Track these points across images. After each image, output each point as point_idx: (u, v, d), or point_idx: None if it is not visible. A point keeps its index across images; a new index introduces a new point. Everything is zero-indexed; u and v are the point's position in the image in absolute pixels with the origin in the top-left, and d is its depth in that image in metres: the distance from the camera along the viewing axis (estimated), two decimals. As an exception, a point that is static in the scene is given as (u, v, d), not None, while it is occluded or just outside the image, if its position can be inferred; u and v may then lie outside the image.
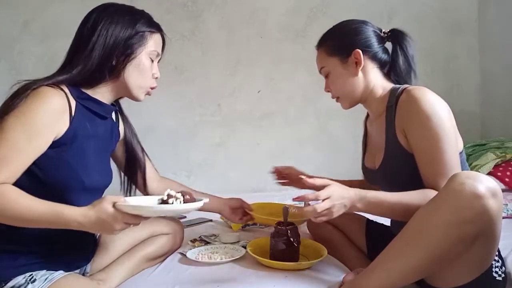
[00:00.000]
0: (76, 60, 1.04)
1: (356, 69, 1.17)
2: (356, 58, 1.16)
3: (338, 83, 1.20)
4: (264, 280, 1.18)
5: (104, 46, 1.04)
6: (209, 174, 2.56)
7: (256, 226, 1.72)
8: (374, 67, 1.18)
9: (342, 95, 1.22)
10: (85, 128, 1.05)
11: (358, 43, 1.16)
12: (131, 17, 1.08)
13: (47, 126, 0.96)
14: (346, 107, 1.27)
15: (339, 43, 1.19)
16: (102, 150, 1.15)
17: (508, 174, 1.98)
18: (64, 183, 1.01)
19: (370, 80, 1.18)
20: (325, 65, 1.22)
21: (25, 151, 0.94)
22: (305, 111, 2.57)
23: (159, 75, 1.16)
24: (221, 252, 1.38)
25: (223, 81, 2.54)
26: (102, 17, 1.06)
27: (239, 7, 2.52)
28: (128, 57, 1.07)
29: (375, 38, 1.18)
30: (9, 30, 2.43)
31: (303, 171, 1.46)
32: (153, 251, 1.28)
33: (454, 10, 2.58)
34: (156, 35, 1.13)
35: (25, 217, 0.91)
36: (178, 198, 1.02)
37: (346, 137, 2.52)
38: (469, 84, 2.61)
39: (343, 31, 1.21)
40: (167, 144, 2.50)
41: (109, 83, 1.09)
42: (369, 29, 1.19)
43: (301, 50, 2.53)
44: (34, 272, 0.98)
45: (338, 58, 1.18)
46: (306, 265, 1.26)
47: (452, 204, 0.88)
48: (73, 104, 1.02)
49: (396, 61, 1.18)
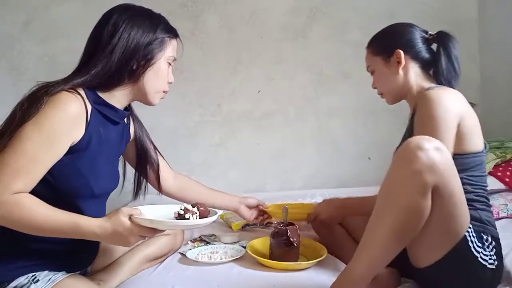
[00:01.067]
0: (94, 61, 1.03)
1: (397, 68, 1.25)
2: (398, 57, 1.24)
3: (381, 80, 1.31)
4: (263, 280, 1.18)
5: (125, 49, 1.04)
6: (209, 174, 2.56)
7: (256, 226, 1.72)
8: (416, 66, 1.25)
9: (386, 91, 1.32)
10: (99, 134, 1.04)
11: (400, 44, 1.25)
12: (151, 22, 1.09)
13: (65, 134, 0.95)
14: (390, 103, 1.36)
15: (382, 44, 1.29)
16: (112, 155, 1.15)
17: (508, 174, 1.98)
18: (74, 191, 1.00)
19: (409, 78, 1.25)
20: (371, 64, 1.33)
21: (43, 161, 0.93)
22: (305, 111, 2.57)
23: (173, 80, 1.18)
24: (221, 252, 1.38)
25: (223, 81, 2.54)
26: (123, 19, 1.05)
27: (239, 7, 2.52)
28: (149, 62, 1.08)
29: (419, 39, 1.26)
30: (9, 30, 2.43)
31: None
32: (153, 251, 1.28)
33: (454, 10, 2.58)
34: (174, 41, 1.15)
35: (42, 227, 0.91)
36: (194, 213, 1.04)
37: (346, 137, 2.52)
38: (469, 84, 2.60)
39: (388, 33, 1.31)
40: (167, 144, 2.49)
41: (127, 87, 1.08)
42: (413, 31, 1.27)
43: (301, 50, 2.53)
44: (37, 273, 0.99)
45: (381, 57, 1.28)
46: (306, 265, 1.26)
47: (402, 159, 0.96)
48: (89, 109, 1.01)
49: (439, 61, 1.23)
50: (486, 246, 1.06)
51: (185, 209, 1.05)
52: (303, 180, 2.51)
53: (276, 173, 2.55)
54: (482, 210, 1.11)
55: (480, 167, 1.13)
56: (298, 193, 2.00)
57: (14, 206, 0.89)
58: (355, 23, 2.49)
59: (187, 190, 1.42)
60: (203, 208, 1.09)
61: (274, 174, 2.56)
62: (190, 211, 1.04)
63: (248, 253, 1.33)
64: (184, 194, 1.40)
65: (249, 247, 1.36)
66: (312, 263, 1.27)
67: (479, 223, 1.08)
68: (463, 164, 1.10)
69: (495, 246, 1.07)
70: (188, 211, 1.04)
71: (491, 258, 1.05)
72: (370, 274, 0.99)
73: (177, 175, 1.42)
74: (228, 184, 2.53)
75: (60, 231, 0.92)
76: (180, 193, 1.40)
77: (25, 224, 0.90)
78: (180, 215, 1.04)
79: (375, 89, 1.36)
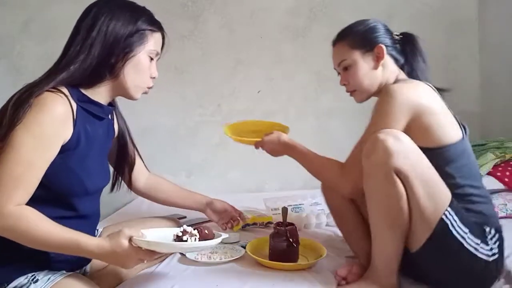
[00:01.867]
0: (74, 55, 1.01)
1: (377, 63, 1.23)
2: (378, 52, 1.23)
3: (357, 76, 1.25)
4: (263, 281, 1.18)
5: (104, 43, 1.01)
6: (209, 174, 2.56)
7: (256, 226, 1.72)
8: (391, 62, 1.25)
9: (360, 87, 1.27)
10: (86, 131, 1.03)
11: (380, 39, 1.24)
12: (132, 14, 1.06)
13: (56, 135, 0.95)
14: (360, 101, 1.32)
15: (362, 37, 1.25)
16: (101, 151, 1.14)
17: (508, 174, 1.98)
18: (68, 189, 1.00)
19: (385, 73, 1.24)
20: (347, 58, 1.26)
21: (39, 165, 0.93)
22: (305, 111, 2.57)
23: (157, 75, 1.14)
24: (221, 252, 1.38)
25: (223, 81, 2.54)
26: (103, 12, 1.03)
27: (239, 7, 2.52)
28: (127, 55, 1.05)
29: (391, 36, 1.27)
30: (9, 30, 2.43)
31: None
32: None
33: (454, 10, 2.58)
34: (157, 34, 1.11)
35: (45, 242, 0.91)
36: (194, 235, 1.04)
37: (346, 137, 2.50)
38: (469, 84, 2.60)
39: (365, 27, 1.27)
40: (167, 144, 2.50)
41: (108, 83, 1.07)
42: (387, 28, 1.28)
43: (301, 50, 2.53)
44: (36, 273, 0.98)
45: (360, 51, 1.24)
46: (306, 265, 1.26)
47: (364, 156, 1.07)
48: (74, 107, 1.00)
49: (413, 60, 1.26)
50: (489, 238, 1.06)
51: (183, 231, 1.05)
52: (303, 180, 2.51)
53: (276, 173, 2.55)
54: (481, 203, 1.10)
55: (463, 156, 1.12)
56: (298, 193, 2.00)
57: (19, 219, 0.89)
58: (355, 23, 2.49)
59: (157, 190, 1.41)
60: (207, 231, 1.09)
61: (274, 174, 2.56)
62: (188, 233, 1.04)
63: (248, 253, 1.33)
64: (153, 194, 1.40)
65: (249, 247, 1.36)
66: (312, 263, 1.27)
67: (480, 214, 1.08)
68: (444, 157, 1.10)
69: (498, 238, 1.08)
70: (187, 233, 1.04)
71: (492, 250, 1.05)
72: (392, 266, 1.09)
73: (150, 175, 1.41)
74: (228, 184, 2.54)
75: (61, 247, 0.93)
76: (150, 193, 1.40)
77: (28, 238, 0.91)
78: (178, 237, 1.04)
79: (344, 85, 1.31)
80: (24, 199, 0.91)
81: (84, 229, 1.06)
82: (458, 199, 1.07)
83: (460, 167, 1.11)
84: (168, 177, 1.48)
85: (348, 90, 1.31)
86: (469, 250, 1.04)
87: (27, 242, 0.92)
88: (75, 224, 1.02)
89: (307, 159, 1.32)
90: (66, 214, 1.01)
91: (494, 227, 1.08)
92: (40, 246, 0.92)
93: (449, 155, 1.10)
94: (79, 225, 1.02)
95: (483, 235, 1.06)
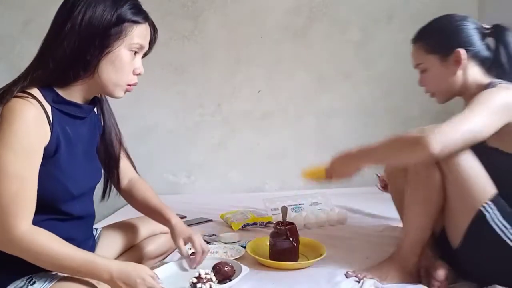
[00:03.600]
0: (46, 52, 0.94)
1: (456, 68, 1.16)
2: (457, 57, 1.15)
3: (435, 80, 1.21)
4: (263, 280, 1.18)
5: (78, 36, 0.90)
6: (209, 174, 2.56)
7: (256, 226, 1.72)
8: (475, 65, 1.17)
9: (438, 91, 1.23)
10: (66, 134, 0.96)
11: (459, 42, 1.16)
12: (112, 3, 0.93)
13: (35, 141, 0.89)
14: (441, 102, 1.26)
15: (439, 41, 1.18)
16: (87, 150, 1.06)
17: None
18: (53, 195, 0.96)
19: (468, 77, 1.17)
20: (423, 62, 1.21)
21: (30, 176, 0.89)
22: (305, 111, 2.57)
23: (142, 71, 1.01)
24: (221, 252, 1.38)
25: (223, 81, 2.54)
26: (81, 1, 0.91)
27: (239, 7, 2.52)
28: (103, 50, 0.92)
29: (477, 35, 1.18)
30: (9, 30, 2.44)
31: None
32: (152, 250, 1.28)
33: (454, 10, 2.55)
34: (141, 26, 0.97)
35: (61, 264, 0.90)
36: (208, 280, 1.02)
37: (346, 137, 2.51)
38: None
39: (445, 28, 1.20)
40: (167, 144, 2.50)
41: (84, 81, 0.95)
42: (471, 26, 1.18)
43: (301, 50, 2.53)
44: (33, 275, 0.96)
45: (438, 56, 1.18)
46: (306, 265, 1.26)
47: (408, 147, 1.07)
48: (48, 110, 0.91)
49: (498, 57, 1.17)
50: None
51: (198, 277, 1.02)
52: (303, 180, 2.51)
53: (276, 173, 2.55)
54: None
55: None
56: (298, 193, 2.00)
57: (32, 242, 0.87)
58: (355, 23, 2.49)
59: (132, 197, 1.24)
60: (226, 267, 1.08)
61: (274, 174, 2.56)
62: (202, 279, 1.01)
63: (248, 253, 1.33)
64: (130, 200, 1.26)
65: (249, 247, 1.36)
66: (312, 263, 1.27)
67: None
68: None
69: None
70: (201, 279, 1.02)
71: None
72: (415, 249, 1.14)
73: (133, 179, 1.25)
74: (228, 184, 2.54)
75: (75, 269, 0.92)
76: (128, 198, 1.26)
77: (42, 260, 0.89)
78: (193, 284, 1.02)
79: (422, 86, 1.26)
80: (30, 215, 0.89)
81: (80, 230, 1.05)
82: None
83: None
84: (168, 177, 1.47)
85: (427, 92, 1.27)
86: (508, 244, 1.02)
87: (42, 263, 0.90)
88: (69, 225, 1.01)
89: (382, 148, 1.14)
90: (58, 217, 0.99)
91: None
92: (52, 267, 0.91)
93: None
94: (73, 227, 1.01)
95: None
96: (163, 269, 1.16)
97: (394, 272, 1.15)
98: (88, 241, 1.11)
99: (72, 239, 0.95)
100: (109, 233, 1.23)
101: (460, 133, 1.00)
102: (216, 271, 1.09)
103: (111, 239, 1.22)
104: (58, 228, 0.94)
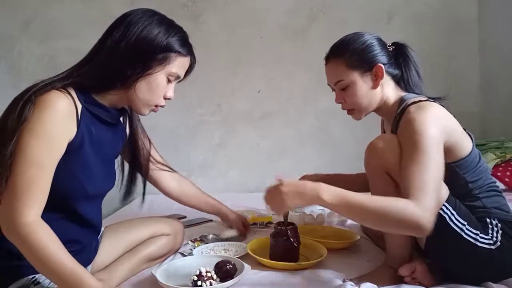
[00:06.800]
0: (95, 58, 0.99)
1: (377, 83, 1.20)
2: (377, 72, 1.20)
3: (356, 96, 1.22)
4: (264, 280, 1.18)
5: (127, 53, 0.98)
6: (209, 174, 2.57)
7: (256, 226, 1.73)
8: (389, 79, 1.23)
9: (359, 107, 1.24)
10: (91, 134, 1.01)
11: (377, 57, 1.21)
12: (165, 32, 1.01)
13: (60, 133, 0.92)
14: (359, 118, 1.28)
15: (360, 57, 1.20)
16: (107, 155, 1.11)
17: (508, 174, 1.98)
18: (67, 192, 0.98)
19: (385, 92, 1.23)
20: (345, 78, 1.22)
21: (49, 165, 0.90)
22: (305, 111, 2.57)
23: (172, 97, 1.10)
24: (221, 252, 1.38)
25: (223, 81, 2.54)
26: (137, 23, 0.99)
27: (239, 7, 2.53)
28: (144, 71, 1.00)
29: (386, 52, 1.24)
30: (9, 30, 2.44)
31: None
32: (154, 251, 1.28)
33: (454, 10, 2.58)
34: (184, 58, 1.07)
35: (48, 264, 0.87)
36: (209, 277, 1.03)
37: (346, 137, 2.52)
38: (469, 84, 2.61)
39: (362, 45, 1.22)
40: (167, 144, 2.50)
41: (119, 92, 1.03)
42: (381, 43, 1.24)
43: (301, 50, 2.54)
44: (37, 275, 0.97)
45: (358, 71, 1.20)
46: (306, 265, 1.26)
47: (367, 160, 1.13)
48: (79, 108, 0.97)
49: (408, 73, 1.24)
50: (490, 228, 1.09)
51: (199, 275, 1.02)
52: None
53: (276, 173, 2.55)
54: (487, 197, 1.13)
55: (477, 160, 1.15)
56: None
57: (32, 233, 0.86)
58: (355, 23, 2.49)
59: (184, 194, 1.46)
60: (228, 265, 1.08)
61: (274, 174, 2.56)
62: (203, 277, 1.01)
63: (248, 252, 1.33)
64: (181, 197, 1.45)
65: (249, 247, 1.36)
66: (312, 263, 1.27)
67: (482, 208, 1.11)
68: (467, 166, 1.13)
69: (503, 227, 1.09)
70: (202, 277, 1.02)
71: (493, 239, 1.07)
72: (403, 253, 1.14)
73: (176, 178, 1.44)
74: (228, 184, 2.54)
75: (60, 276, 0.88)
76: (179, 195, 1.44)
77: (33, 254, 0.87)
78: (193, 282, 1.03)
79: (339, 103, 1.27)
80: (39, 206, 0.89)
81: (86, 236, 1.07)
82: (464, 197, 1.11)
83: (475, 171, 1.13)
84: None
85: (345, 108, 1.27)
86: (468, 240, 1.06)
87: (31, 258, 0.88)
88: (77, 228, 1.02)
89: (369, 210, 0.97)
90: (67, 217, 1.00)
91: (498, 217, 1.10)
92: (41, 265, 0.88)
93: (468, 164, 1.13)
94: (81, 230, 1.03)
95: (483, 226, 1.09)
96: (164, 267, 1.17)
97: (388, 275, 1.16)
98: (92, 243, 1.13)
99: (78, 241, 0.95)
100: (112, 232, 1.25)
101: (434, 191, 0.99)
102: (218, 269, 1.10)
103: (113, 238, 1.23)
104: (67, 228, 0.94)
